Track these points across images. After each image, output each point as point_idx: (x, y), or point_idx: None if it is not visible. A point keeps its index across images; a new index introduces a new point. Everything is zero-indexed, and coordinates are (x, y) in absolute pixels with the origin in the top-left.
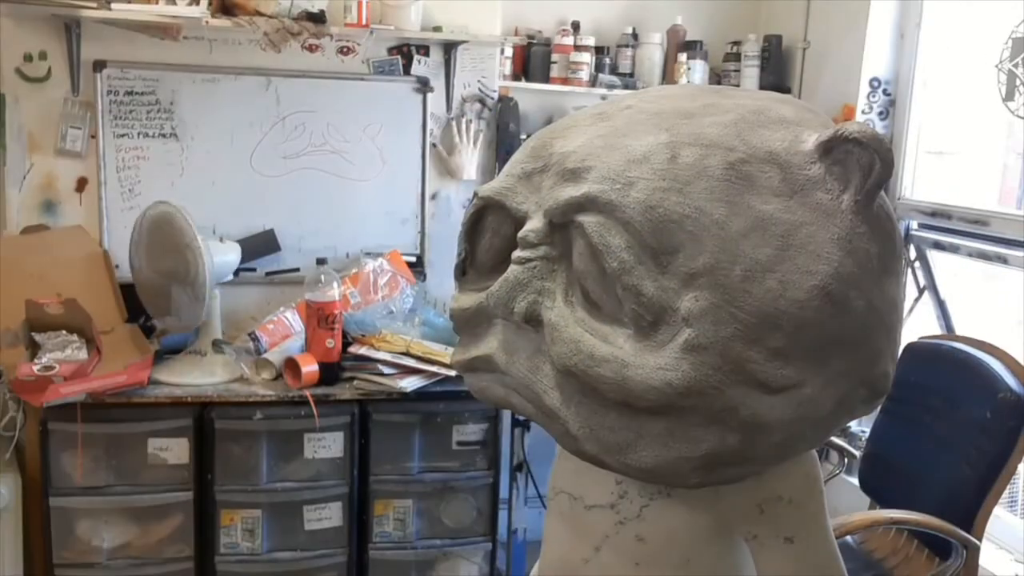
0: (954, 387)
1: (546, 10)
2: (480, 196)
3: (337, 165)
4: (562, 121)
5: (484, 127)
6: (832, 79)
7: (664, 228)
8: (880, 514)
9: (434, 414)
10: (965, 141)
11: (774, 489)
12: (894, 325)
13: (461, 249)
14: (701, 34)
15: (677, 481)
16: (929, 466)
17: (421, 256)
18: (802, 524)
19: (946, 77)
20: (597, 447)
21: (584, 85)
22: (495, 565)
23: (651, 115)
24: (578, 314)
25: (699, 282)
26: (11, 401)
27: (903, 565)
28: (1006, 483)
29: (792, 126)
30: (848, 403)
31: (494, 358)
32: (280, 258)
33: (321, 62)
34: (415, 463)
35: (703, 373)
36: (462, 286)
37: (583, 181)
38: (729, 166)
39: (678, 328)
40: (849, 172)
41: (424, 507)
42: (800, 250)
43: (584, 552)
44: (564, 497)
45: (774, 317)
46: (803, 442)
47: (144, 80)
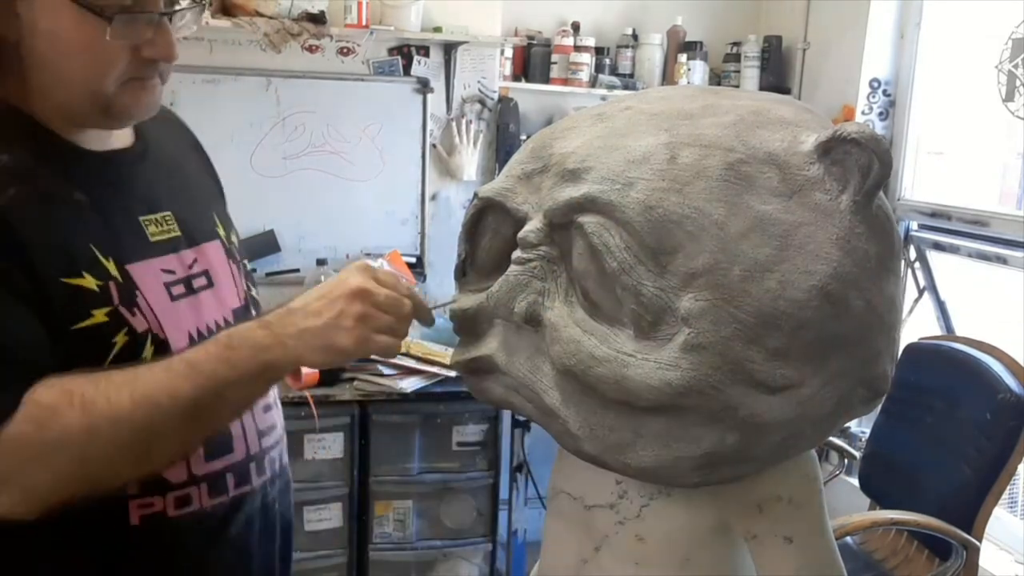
0: (954, 388)
1: (546, 11)
2: (480, 197)
3: (337, 165)
4: (562, 122)
5: (484, 128)
6: (832, 80)
7: (663, 228)
8: (880, 515)
9: (434, 415)
10: (965, 141)
11: (773, 489)
12: (893, 325)
13: (461, 250)
14: (701, 35)
15: (677, 481)
16: (929, 467)
17: (421, 256)
18: (802, 524)
19: (946, 77)
20: (597, 446)
21: (584, 86)
22: (495, 566)
23: (651, 116)
24: (578, 314)
25: (698, 282)
26: None
27: (903, 566)
28: (1006, 484)
29: (791, 127)
30: (847, 403)
31: (494, 358)
32: (280, 258)
33: (321, 63)
34: (415, 464)
35: (702, 373)
36: (462, 287)
37: (583, 181)
38: (728, 167)
39: (677, 328)
40: (848, 172)
41: (424, 508)
42: (799, 250)
43: (584, 552)
44: (564, 497)
45: (773, 317)
46: (802, 442)
47: None
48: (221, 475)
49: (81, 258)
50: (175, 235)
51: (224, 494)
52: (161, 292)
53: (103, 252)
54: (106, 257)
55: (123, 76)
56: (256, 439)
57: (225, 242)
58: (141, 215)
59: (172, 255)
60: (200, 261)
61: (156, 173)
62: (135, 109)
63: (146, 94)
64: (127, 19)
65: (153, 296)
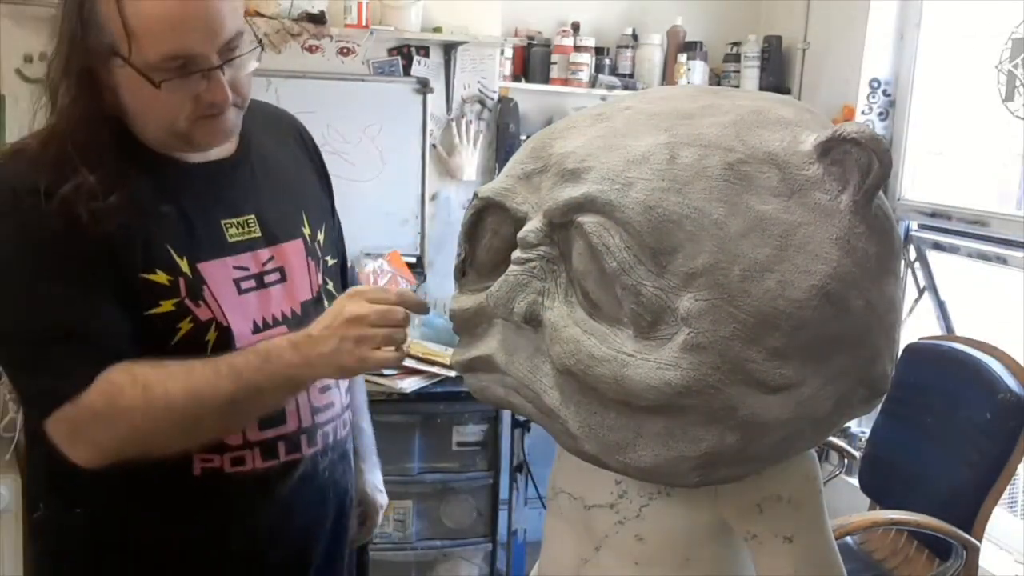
0: (954, 388)
1: (546, 11)
2: (480, 197)
3: (337, 166)
4: (562, 122)
5: (484, 128)
6: (832, 80)
7: (663, 228)
8: (880, 515)
9: (434, 415)
10: (965, 141)
11: (773, 489)
12: (893, 325)
13: (461, 250)
14: (701, 35)
15: (676, 480)
16: (929, 467)
17: (421, 256)
18: (801, 524)
19: (946, 77)
20: (596, 446)
21: (584, 86)
22: (495, 566)
23: (650, 116)
24: (577, 314)
25: (698, 282)
26: (11, 402)
27: (903, 566)
28: (1006, 484)
29: (791, 127)
30: (847, 403)
31: (494, 358)
32: None
33: (321, 63)
34: (415, 464)
35: (702, 372)
36: (462, 287)
37: (582, 181)
38: (728, 166)
39: (677, 328)
40: (847, 172)
41: (424, 508)
42: (799, 250)
43: (584, 552)
44: (564, 497)
45: (773, 317)
46: (802, 441)
47: None
48: (273, 443)
49: (158, 258)
50: (254, 236)
51: (275, 459)
52: (229, 286)
53: (179, 252)
54: (180, 256)
55: (192, 116)
56: (309, 415)
57: (308, 241)
58: (224, 218)
59: (247, 253)
60: (277, 258)
61: (250, 178)
62: (212, 139)
63: (217, 124)
64: (175, 84)
65: (220, 289)
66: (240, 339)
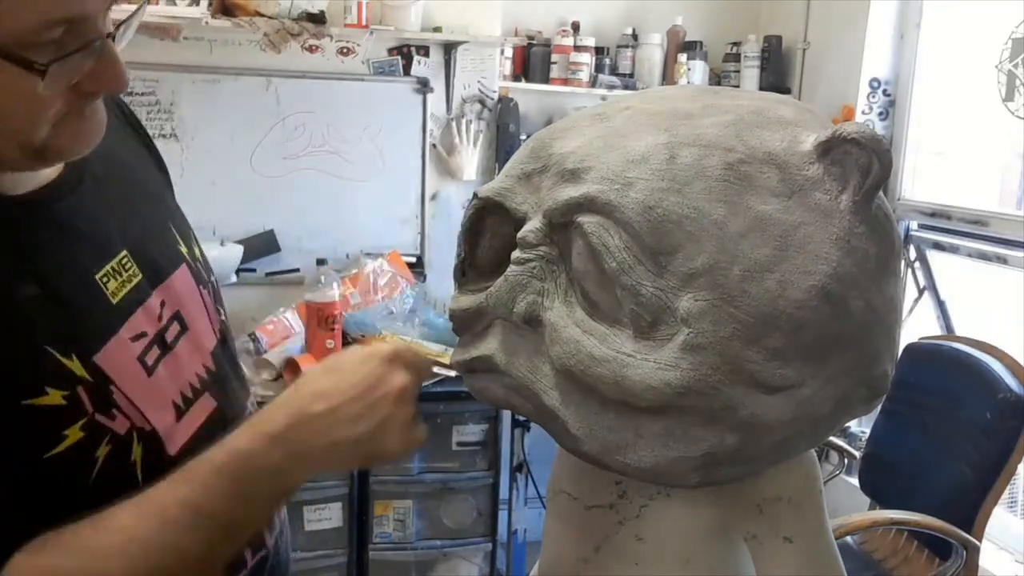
0: (954, 387)
1: (546, 10)
2: (479, 197)
3: (337, 165)
4: (561, 122)
5: (484, 128)
6: (832, 80)
7: (663, 228)
8: (880, 514)
9: (434, 414)
10: (965, 141)
11: (773, 489)
12: (893, 325)
13: (460, 250)
14: (701, 35)
15: (676, 481)
16: (929, 466)
17: (421, 256)
18: (801, 524)
19: (946, 77)
20: (596, 447)
21: (584, 86)
22: (495, 566)
23: (650, 116)
24: (577, 314)
25: (698, 282)
26: None
27: (903, 566)
28: (1006, 483)
29: (791, 127)
30: (847, 403)
31: (494, 358)
32: (280, 258)
33: (321, 63)
34: (415, 463)
35: (702, 373)
36: (461, 287)
37: (582, 181)
38: (728, 166)
39: (677, 328)
40: (847, 172)
41: (424, 508)
42: (799, 250)
43: (584, 552)
44: (563, 497)
45: (773, 317)
46: (802, 442)
47: (144, 80)
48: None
49: (40, 369)
50: (136, 280)
51: (243, 568)
52: (137, 372)
53: (63, 351)
54: (68, 356)
55: (57, 116)
56: None
57: (190, 262)
58: (96, 270)
59: (139, 311)
60: (169, 302)
61: (97, 195)
62: (76, 147)
63: (85, 125)
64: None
65: (129, 383)
66: (169, 440)
